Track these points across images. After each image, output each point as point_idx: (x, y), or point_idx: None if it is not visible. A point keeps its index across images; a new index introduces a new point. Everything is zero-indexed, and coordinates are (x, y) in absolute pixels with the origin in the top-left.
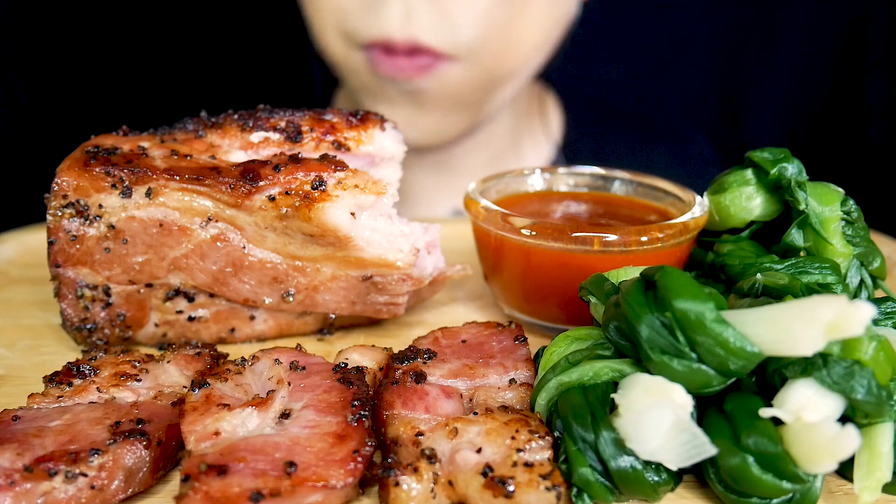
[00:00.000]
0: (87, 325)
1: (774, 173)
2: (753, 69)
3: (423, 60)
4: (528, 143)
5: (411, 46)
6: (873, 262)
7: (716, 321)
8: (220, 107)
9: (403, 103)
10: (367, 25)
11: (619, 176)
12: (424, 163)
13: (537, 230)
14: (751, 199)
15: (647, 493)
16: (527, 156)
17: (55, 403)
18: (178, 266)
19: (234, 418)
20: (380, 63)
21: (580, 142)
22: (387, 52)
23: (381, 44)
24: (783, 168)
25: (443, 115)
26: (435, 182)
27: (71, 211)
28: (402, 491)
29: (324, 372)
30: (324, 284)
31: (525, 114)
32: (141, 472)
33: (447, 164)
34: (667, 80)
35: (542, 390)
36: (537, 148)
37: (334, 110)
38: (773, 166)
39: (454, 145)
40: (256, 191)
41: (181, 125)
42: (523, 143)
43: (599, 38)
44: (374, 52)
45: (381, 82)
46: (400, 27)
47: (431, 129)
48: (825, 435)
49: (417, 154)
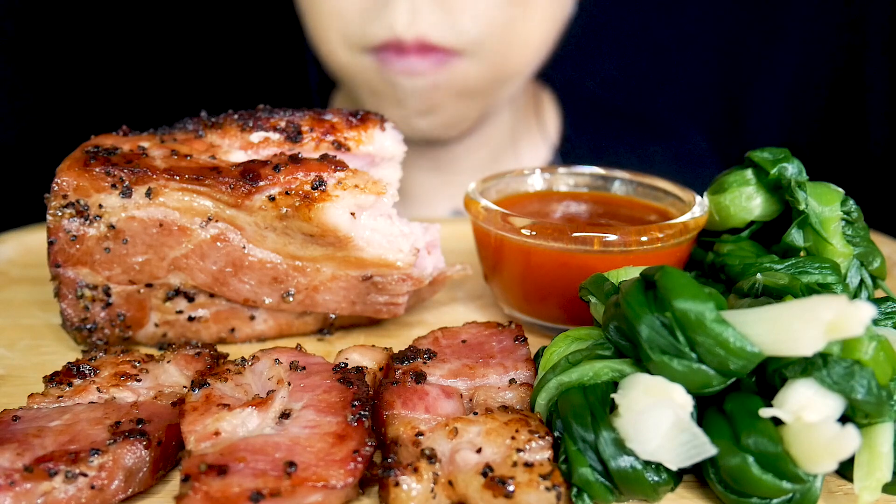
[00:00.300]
0: (87, 325)
1: (774, 173)
2: (753, 69)
3: (434, 58)
4: (525, 143)
5: (420, 45)
6: (873, 263)
7: (716, 321)
8: (219, 107)
9: (414, 101)
10: (373, 28)
11: (619, 176)
12: (424, 163)
13: (537, 230)
14: (751, 199)
15: (647, 493)
16: (524, 155)
17: (55, 403)
18: (178, 266)
19: (234, 418)
20: (392, 63)
21: (577, 141)
22: (397, 53)
23: (390, 45)
24: (783, 168)
25: (454, 108)
26: (434, 182)
27: (71, 211)
28: (402, 491)
29: (324, 372)
30: (324, 284)
31: (523, 113)
32: (141, 472)
33: (446, 164)
34: (665, 79)
35: (542, 390)
36: (534, 147)
37: (334, 110)
38: (773, 166)
39: (455, 143)
40: (256, 191)
41: (181, 125)
42: (521, 142)
43: (597, 36)
44: (385, 54)
45: (391, 83)
46: (407, 27)
47: (443, 122)
48: (825, 435)
49: (418, 153)
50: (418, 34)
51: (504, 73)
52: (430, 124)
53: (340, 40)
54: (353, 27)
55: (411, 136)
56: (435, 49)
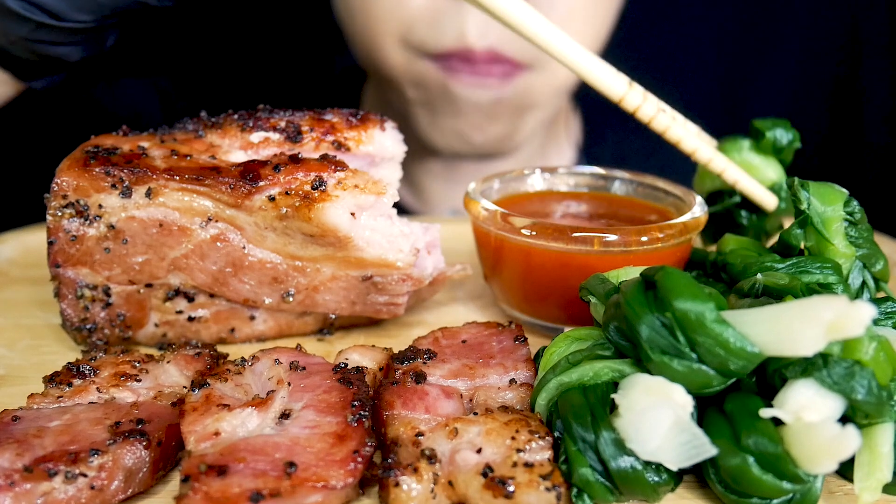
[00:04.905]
0: (87, 325)
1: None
2: (753, 71)
3: (504, 69)
4: (553, 152)
5: (491, 56)
6: (876, 265)
7: (716, 321)
8: (227, 102)
9: (475, 114)
10: (441, 35)
11: (619, 176)
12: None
13: (537, 230)
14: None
15: (648, 494)
16: (553, 162)
17: (55, 403)
18: (178, 266)
19: (234, 418)
20: (458, 74)
21: (599, 147)
22: (465, 62)
23: (459, 53)
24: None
25: (511, 122)
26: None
27: (71, 211)
28: (402, 491)
29: (324, 372)
30: (324, 284)
31: (554, 125)
32: (141, 473)
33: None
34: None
35: (542, 390)
36: (561, 153)
37: (334, 110)
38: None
39: (499, 157)
40: (256, 191)
41: (181, 125)
42: (550, 151)
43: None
44: (451, 62)
45: (452, 93)
46: (479, 37)
47: (498, 136)
48: (825, 435)
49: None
50: (490, 44)
51: (561, 86)
52: (486, 138)
53: (398, 43)
54: (417, 31)
55: (461, 149)
56: (503, 61)
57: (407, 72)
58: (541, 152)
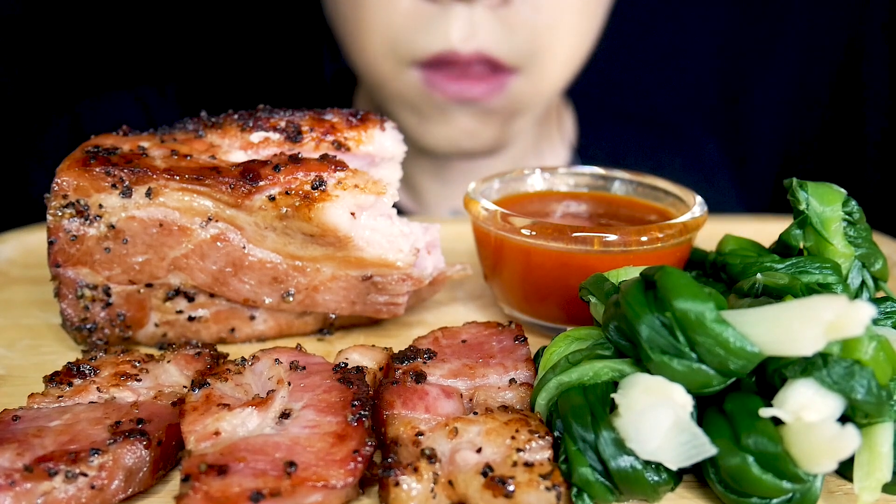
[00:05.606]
0: (87, 325)
1: None
2: (754, 71)
3: (493, 83)
4: (547, 151)
5: (478, 58)
6: (875, 264)
7: (716, 321)
8: (226, 102)
9: (462, 116)
10: (426, 40)
11: (619, 176)
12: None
13: (537, 230)
14: None
15: (647, 493)
16: (546, 162)
17: (55, 403)
18: (178, 266)
19: (234, 418)
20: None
21: (594, 147)
22: (451, 65)
23: (445, 57)
24: None
25: (500, 127)
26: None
27: (71, 211)
28: (402, 491)
29: (324, 372)
30: (324, 284)
31: (546, 122)
32: (141, 472)
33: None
34: (665, 81)
35: (542, 390)
36: (555, 153)
37: (334, 110)
38: None
39: (488, 156)
40: (256, 191)
41: (181, 125)
42: (544, 150)
43: (609, 42)
44: (439, 69)
45: (437, 105)
46: (464, 40)
47: (487, 140)
48: (825, 435)
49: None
50: (477, 47)
51: (548, 89)
52: (476, 143)
53: (386, 52)
54: (402, 38)
55: (453, 153)
56: (491, 63)
57: (395, 79)
58: (533, 149)
